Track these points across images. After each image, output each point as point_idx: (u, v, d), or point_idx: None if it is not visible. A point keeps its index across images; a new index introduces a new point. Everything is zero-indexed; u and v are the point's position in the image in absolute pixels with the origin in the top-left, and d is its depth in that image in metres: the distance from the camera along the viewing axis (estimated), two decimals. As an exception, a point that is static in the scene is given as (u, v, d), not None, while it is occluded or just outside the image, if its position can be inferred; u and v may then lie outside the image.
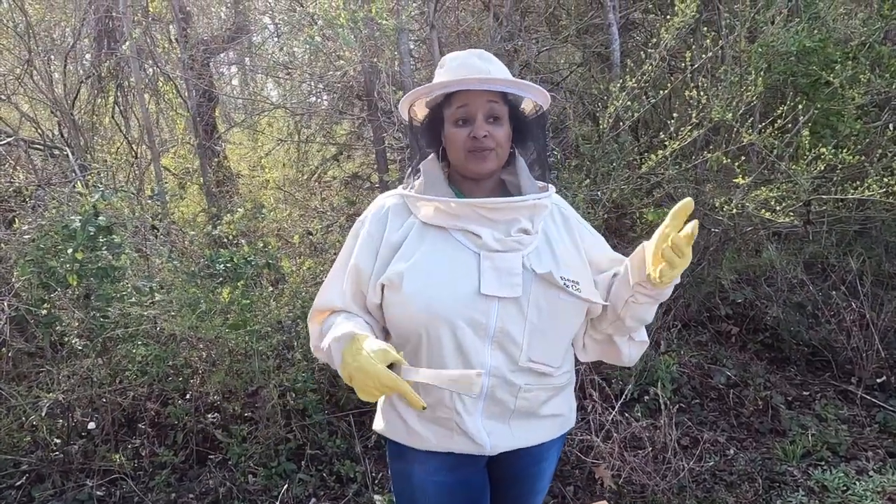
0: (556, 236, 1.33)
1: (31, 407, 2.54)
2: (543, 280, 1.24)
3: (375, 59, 3.36)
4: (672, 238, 1.12)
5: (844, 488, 2.61)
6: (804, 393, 3.45)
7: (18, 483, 2.55)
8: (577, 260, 1.32)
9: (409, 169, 1.38)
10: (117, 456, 2.64)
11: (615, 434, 2.77)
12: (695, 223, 1.11)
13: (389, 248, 1.29)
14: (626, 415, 2.93)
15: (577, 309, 1.29)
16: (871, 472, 2.72)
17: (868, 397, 3.34)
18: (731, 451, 2.93)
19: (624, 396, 2.91)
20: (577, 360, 1.46)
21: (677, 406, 3.08)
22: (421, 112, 1.38)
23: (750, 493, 2.66)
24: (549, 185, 1.36)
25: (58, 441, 2.68)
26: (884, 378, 3.49)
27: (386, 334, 1.37)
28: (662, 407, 2.84)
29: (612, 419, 2.82)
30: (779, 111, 2.94)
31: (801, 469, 2.80)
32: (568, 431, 1.47)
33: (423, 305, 1.22)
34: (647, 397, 3.08)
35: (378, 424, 1.44)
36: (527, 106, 1.36)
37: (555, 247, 1.30)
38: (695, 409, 3.24)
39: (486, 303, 1.22)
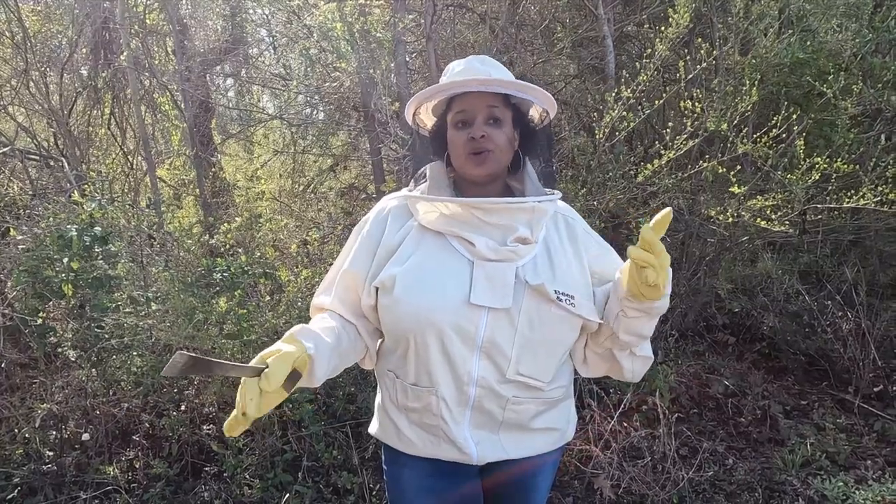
0: (558, 246, 1.29)
1: (24, 418, 2.51)
2: (536, 292, 1.21)
3: (372, 71, 3.38)
4: (642, 236, 1.05)
5: (844, 497, 2.60)
6: (802, 402, 3.45)
7: (10, 496, 2.50)
8: (576, 272, 1.28)
9: (415, 174, 1.38)
10: (111, 468, 2.60)
11: (614, 444, 2.76)
12: (668, 210, 1.04)
13: (386, 250, 1.28)
14: (625, 424, 2.92)
15: (570, 323, 1.25)
16: (870, 481, 2.71)
17: (866, 406, 3.34)
18: (731, 461, 2.92)
19: (622, 406, 2.90)
20: (575, 371, 1.43)
21: (676, 416, 3.07)
22: (428, 120, 1.39)
23: (750, 502, 2.64)
24: (556, 192, 1.33)
25: (50, 453, 2.64)
26: (881, 387, 3.49)
27: (380, 336, 1.37)
28: (661, 416, 2.83)
29: (611, 429, 2.81)
30: (773, 121, 2.96)
31: (801, 478, 2.79)
32: (565, 445, 1.44)
33: (412, 310, 1.21)
34: (645, 407, 3.07)
35: (373, 427, 1.44)
36: (535, 114, 1.35)
37: (554, 257, 1.27)
38: (693, 419, 3.23)
39: (475, 312, 1.20)
